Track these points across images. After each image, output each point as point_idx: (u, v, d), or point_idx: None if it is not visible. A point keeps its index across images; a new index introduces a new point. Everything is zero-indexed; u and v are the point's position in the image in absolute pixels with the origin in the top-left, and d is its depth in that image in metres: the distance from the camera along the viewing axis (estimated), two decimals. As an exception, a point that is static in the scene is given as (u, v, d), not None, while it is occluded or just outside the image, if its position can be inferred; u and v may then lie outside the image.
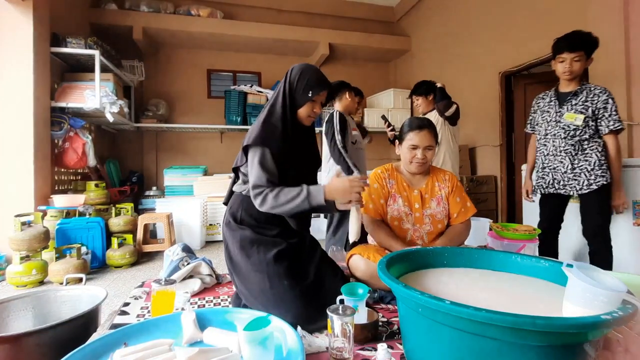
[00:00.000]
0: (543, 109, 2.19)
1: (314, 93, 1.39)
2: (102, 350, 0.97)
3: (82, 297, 1.45)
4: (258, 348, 0.88)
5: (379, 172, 1.82)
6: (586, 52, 1.96)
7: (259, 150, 1.35)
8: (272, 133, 1.37)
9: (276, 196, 1.32)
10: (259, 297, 1.35)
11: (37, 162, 3.15)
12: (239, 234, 1.43)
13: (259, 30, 5.10)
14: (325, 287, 1.43)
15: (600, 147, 2.02)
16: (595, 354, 0.78)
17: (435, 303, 0.79)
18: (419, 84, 3.02)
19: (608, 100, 1.95)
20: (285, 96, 1.41)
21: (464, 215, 1.76)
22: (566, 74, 2.01)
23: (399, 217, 1.75)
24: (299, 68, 1.44)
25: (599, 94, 1.96)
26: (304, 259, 1.47)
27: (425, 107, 3.00)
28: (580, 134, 2.00)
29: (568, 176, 2.07)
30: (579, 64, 1.97)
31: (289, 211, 1.33)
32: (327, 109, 5.60)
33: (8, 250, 2.84)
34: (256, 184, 1.35)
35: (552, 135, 2.11)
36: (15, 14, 3.12)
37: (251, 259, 1.39)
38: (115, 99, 3.70)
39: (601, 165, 2.00)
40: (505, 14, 3.94)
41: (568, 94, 2.06)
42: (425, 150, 1.69)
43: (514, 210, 4.03)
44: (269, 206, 1.33)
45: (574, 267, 0.83)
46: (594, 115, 1.98)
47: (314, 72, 1.43)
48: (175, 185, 4.61)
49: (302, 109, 1.43)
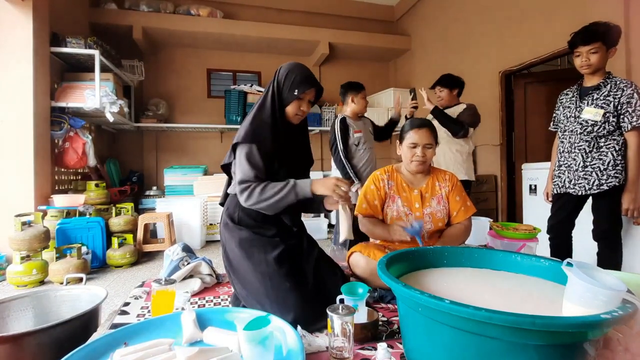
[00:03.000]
0: (565, 105, 2.08)
1: (299, 91, 1.41)
2: (103, 350, 0.97)
3: (82, 296, 1.45)
4: (258, 347, 0.88)
5: (377, 174, 1.85)
6: (605, 42, 1.83)
7: (247, 146, 1.37)
8: (260, 130, 1.39)
9: (263, 190, 1.32)
10: (259, 298, 1.34)
11: (37, 162, 3.16)
12: (237, 234, 1.43)
13: (259, 30, 5.09)
14: (326, 287, 1.43)
15: (618, 145, 1.88)
16: (595, 353, 0.78)
17: (435, 302, 0.79)
18: (445, 76, 2.90)
19: (633, 95, 1.79)
20: (274, 94, 1.43)
21: (464, 213, 1.76)
22: (584, 68, 1.90)
23: (398, 217, 1.77)
24: (286, 66, 1.45)
25: (624, 88, 1.82)
26: (303, 260, 1.47)
27: (448, 101, 2.87)
28: (598, 130, 1.88)
29: (579, 174, 1.96)
30: (597, 56, 1.85)
31: (274, 204, 1.33)
32: (327, 108, 5.61)
33: (8, 250, 2.84)
34: (243, 179, 1.35)
35: (570, 131, 2.01)
36: (15, 14, 3.12)
37: (251, 260, 1.38)
38: (115, 98, 3.70)
39: (616, 166, 1.87)
40: (505, 12, 3.94)
41: (590, 88, 1.94)
42: (425, 148, 1.70)
43: (514, 209, 4.03)
44: (254, 200, 1.33)
45: (573, 266, 0.83)
46: (616, 111, 1.84)
47: (301, 71, 1.44)
48: (176, 185, 4.61)
49: (290, 107, 1.44)
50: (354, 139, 2.63)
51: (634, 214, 1.85)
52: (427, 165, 1.77)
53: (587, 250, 2.41)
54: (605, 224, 1.95)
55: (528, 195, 3.11)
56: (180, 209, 3.88)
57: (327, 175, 2.71)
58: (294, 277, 1.37)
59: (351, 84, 2.75)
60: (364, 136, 2.70)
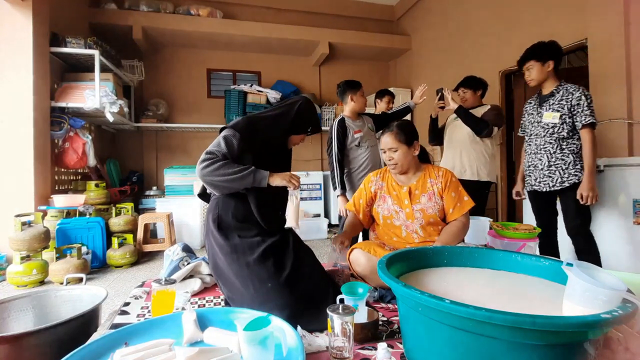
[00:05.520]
0: (529, 112, 2.34)
1: (312, 131, 1.62)
2: (103, 350, 0.97)
3: (82, 296, 1.45)
4: (257, 348, 0.88)
5: (370, 176, 1.96)
6: (537, 59, 2.15)
7: (231, 131, 1.44)
8: (255, 127, 1.48)
9: (223, 165, 1.36)
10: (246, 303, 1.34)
11: (37, 162, 3.16)
12: (219, 241, 1.44)
13: (259, 30, 5.09)
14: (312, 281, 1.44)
15: (578, 147, 2.11)
16: (596, 353, 0.78)
17: (435, 302, 0.79)
18: (468, 77, 2.93)
19: (581, 97, 2.04)
20: (288, 119, 1.56)
21: (460, 210, 1.76)
22: (529, 81, 2.23)
23: (389, 215, 1.82)
24: (308, 104, 1.63)
25: (573, 92, 2.08)
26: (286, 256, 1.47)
27: (472, 102, 2.87)
28: (558, 131, 2.12)
29: (544, 173, 2.19)
30: (534, 71, 2.17)
31: (228, 181, 1.35)
32: (327, 108, 5.61)
33: (8, 250, 2.84)
34: (211, 150, 1.40)
35: (534, 135, 2.25)
36: (15, 14, 3.12)
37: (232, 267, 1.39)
38: (115, 98, 3.70)
39: (576, 165, 2.10)
40: (505, 12, 3.94)
41: (546, 96, 2.20)
42: (390, 151, 1.78)
43: (514, 209, 4.03)
44: (210, 170, 1.35)
45: (573, 266, 0.83)
46: (570, 112, 2.08)
47: (316, 113, 1.66)
48: (176, 185, 4.61)
49: (297, 137, 1.62)
50: (355, 140, 2.61)
51: (588, 200, 2.03)
52: (402, 166, 1.79)
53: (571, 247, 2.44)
54: (577, 219, 2.13)
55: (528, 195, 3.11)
56: (180, 209, 3.89)
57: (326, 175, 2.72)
58: (277, 276, 1.37)
59: (348, 82, 2.73)
60: (365, 135, 2.69)
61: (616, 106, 2.74)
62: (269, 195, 1.48)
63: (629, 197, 2.30)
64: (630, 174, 2.30)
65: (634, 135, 2.70)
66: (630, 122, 2.69)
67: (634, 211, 2.28)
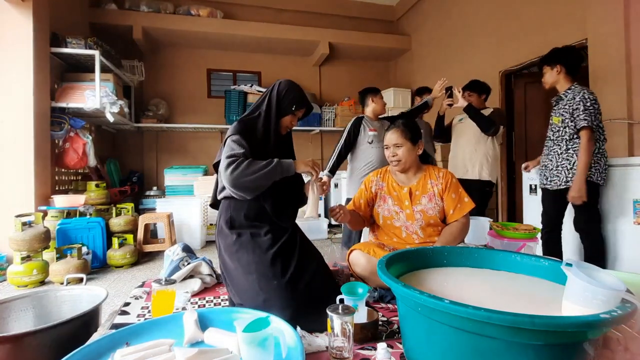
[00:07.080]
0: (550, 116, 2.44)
1: (296, 108, 1.58)
2: (103, 350, 0.97)
3: (82, 297, 1.45)
4: (256, 349, 0.88)
5: (370, 176, 1.96)
6: (548, 64, 2.30)
7: (235, 136, 1.46)
8: (249, 127, 1.51)
9: (249, 164, 1.37)
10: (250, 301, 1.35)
11: (37, 163, 3.16)
12: (229, 239, 1.45)
13: (259, 30, 5.09)
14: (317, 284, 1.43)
15: None
16: (595, 353, 0.79)
17: (435, 302, 0.79)
18: (474, 81, 3.05)
19: (580, 102, 2.14)
20: (272, 103, 1.55)
21: (460, 211, 1.76)
22: (543, 85, 2.38)
23: (389, 216, 1.82)
24: (285, 83, 1.60)
25: (575, 97, 2.19)
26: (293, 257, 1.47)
27: (477, 105, 2.95)
28: (562, 134, 2.26)
29: (553, 173, 2.30)
30: (546, 75, 2.33)
31: (259, 178, 1.36)
32: (327, 108, 5.61)
33: (9, 251, 2.84)
34: (230, 154, 1.40)
35: (547, 137, 2.41)
36: (15, 14, 3.12)
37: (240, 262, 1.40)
38: (115, 99, 3.70)
39: None
40: (505, 12, 3.94)
41: (556, 99, 2.35)
42: (395, 147, 1.78)
43: (514, 209, 4.03)
44: (239, 172, 1.35)
45: (573, 266, 0.83)
46: (572, 117, 2.19)
47: (298, 90, 1.61)
48: (176, 185, 4.62)
49: (286, 119, 1.59)
50: (368, 137, 2.74)
51: (575, 201, 2.15)
52: (405, 163, 1.79)
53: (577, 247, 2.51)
54: (584, 216, 2.27)
55: (528, 195, 3.11)
56: (180, 209, 3.89)
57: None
58: (283, 275, 1.37)
59: (368, 88, 2.91)
60: (379, 135, 2.77)
61: (616, 106, 2.74)
62: (283, 190, 1.50)
63: (629, 197, 2.30)
64: (630, 174, 2.30)
65: (634, 135, 2.70)
66: (630, 122, 2.69)
67: (634, 211, 2.28)
